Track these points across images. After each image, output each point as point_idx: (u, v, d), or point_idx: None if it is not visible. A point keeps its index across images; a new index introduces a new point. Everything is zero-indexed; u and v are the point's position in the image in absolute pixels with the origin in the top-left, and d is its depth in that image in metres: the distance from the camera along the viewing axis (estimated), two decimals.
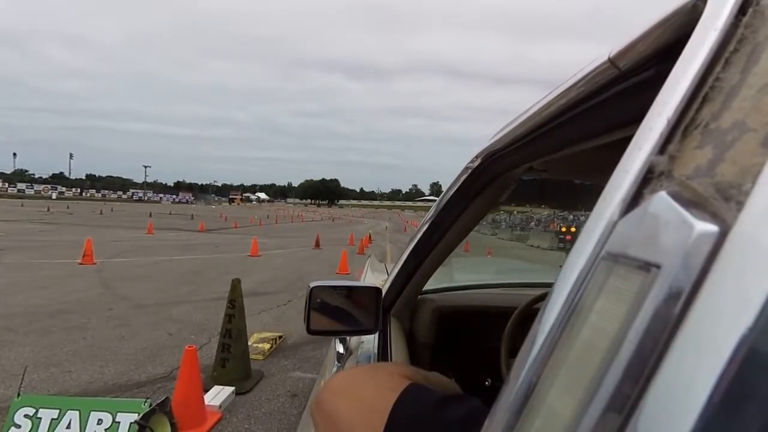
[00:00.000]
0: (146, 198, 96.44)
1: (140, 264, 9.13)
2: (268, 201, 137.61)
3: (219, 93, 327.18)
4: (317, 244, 13.95)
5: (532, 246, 16.45)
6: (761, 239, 0.18)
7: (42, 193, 79.43)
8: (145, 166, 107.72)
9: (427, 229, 1.07)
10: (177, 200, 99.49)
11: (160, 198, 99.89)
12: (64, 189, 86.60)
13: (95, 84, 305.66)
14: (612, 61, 0.41)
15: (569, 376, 0.24)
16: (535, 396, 0.26)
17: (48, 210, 31.23)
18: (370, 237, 17.85)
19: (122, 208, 46.45)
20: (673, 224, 0.21)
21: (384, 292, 1.17)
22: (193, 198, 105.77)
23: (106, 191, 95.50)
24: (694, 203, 0.22)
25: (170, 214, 36.79)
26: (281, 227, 25.69)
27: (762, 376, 0.16)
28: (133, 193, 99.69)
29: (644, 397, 0.19)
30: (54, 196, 74.57)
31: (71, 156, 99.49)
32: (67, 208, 37.45)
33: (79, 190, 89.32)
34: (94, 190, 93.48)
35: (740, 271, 0.18)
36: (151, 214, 30.66)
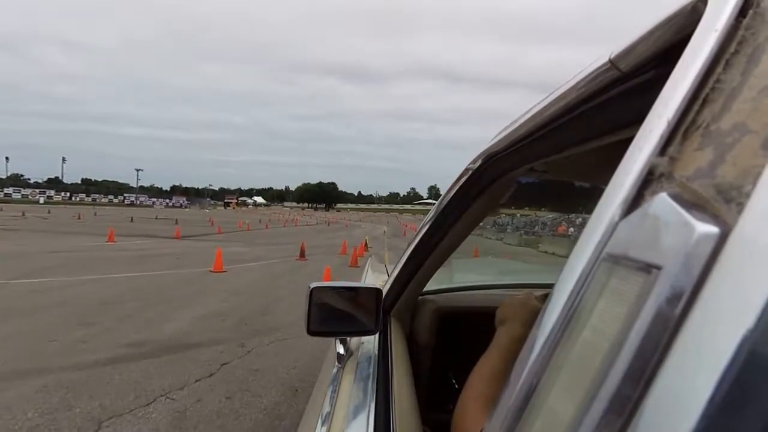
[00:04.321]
0: (138, 202, 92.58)
1: (52, 287, 6.58)
2: (265, 205, 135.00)
3: (216, 97, 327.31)
4: (302, 254, 11.36)
5: (546, 253, 14.03)
6: (762, 241, 0.18)
7: (29, 197, 76.57)
8: (137, 170, 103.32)
9: (427, 230, 1.07)
10: (171, 204, 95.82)
11: (153, 202, 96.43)
12: (52, 193, 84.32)
13: (92, 88, 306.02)
14: (613, 63, 0.41)
15: (570, 377, 0.24)
16: (536, 397, 0.26)
17: (23, 215, 27.91)
18: (366, 244, 15.19)
19: (109, 212, 42.27)
20: (674, 226, 0.21)
21: (384, 292, 1.17)
22: (187, 202, 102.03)
23: (97, 195, 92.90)
24: (694, 205, 0.22)
25: (156, 218, 33.67)
26: (271, 232, 23.05)
27: (763, 377, 0.16)
28: (125, 197, 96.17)
29: (645, 399, 0.19)
30: (42, 200, 71.41)
31: (64, 160, 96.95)
32: (48, 212, 33.77)
33: (68, 194, 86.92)
34: (85, 194, 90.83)
35: (741, 272, 0.18)
36: (132, 219, 28.89)
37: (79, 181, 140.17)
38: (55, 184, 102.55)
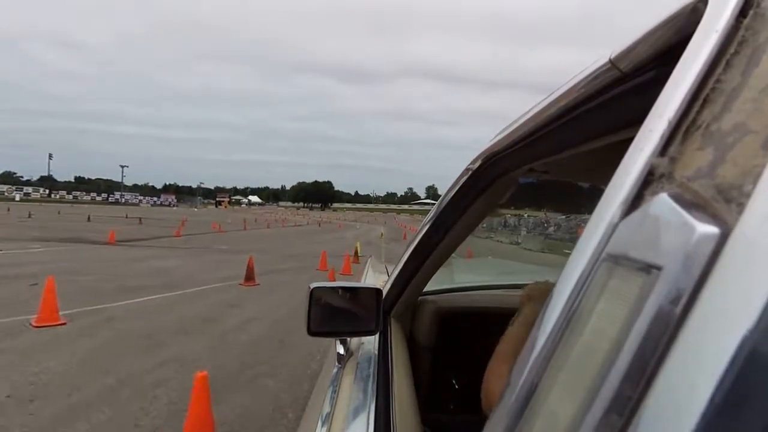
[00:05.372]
0: (123, 200, 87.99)
1: None
2: (260, 204, 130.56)
3: (213, 96, 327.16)
4: (249, 277, 7.16)
5: None
6: (762, 241, 0.18)
7: (6, 194, 75.11)
8: (122, 166, 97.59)
9: (427, 230, 1.07)
10: (159, 203, 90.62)
11: (140, 200, 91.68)
12: (30, 190, 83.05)
13: (88, 86, 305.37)
14: (613, 63, 0.41)
15: (570, 378, 0.24)
16: (536, 397, 0.26)
17: None
18: (357, 252, 11.33)
19: (79, 210, 36.47)
20: (674, 226, 0.21)
21: (384, 293, 1.17)
22: (176, 201, 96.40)
23: (78, 193, 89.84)
24: (695, 205, 0.22)
25: (126, 217, 29.48)
26: (246, 235, 19.37)
27: (763, 377, 0.16)
28: (109, 195, 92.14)
29: (646, 399, 0.19)
30: (18, 197, 70.45)
31: (50, 156, 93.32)
32: (8, 210, 30.54)
33: (47, 191, 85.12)
34: (66, 192, 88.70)
35: (741, 272, 0.18)
36: (89, 218, 24.57)
37: (72, 179, 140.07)
38: (47, 182, 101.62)
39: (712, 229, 0.20)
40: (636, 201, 0.25)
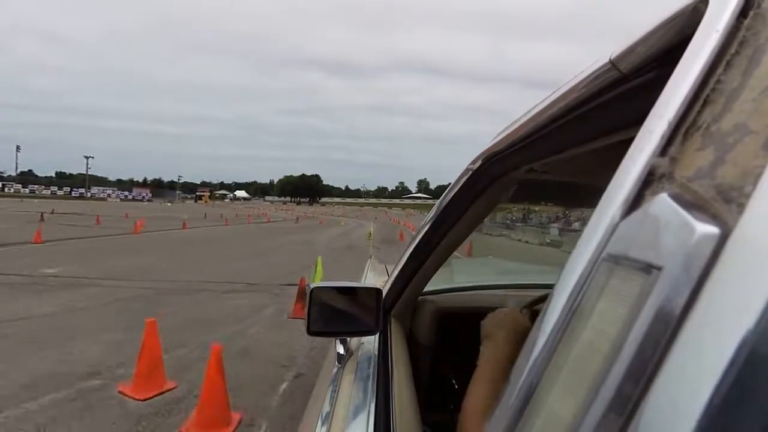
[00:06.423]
0: (89, 194, 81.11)
1: None
2: (245, 199, 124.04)
3: (200, 91, 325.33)
4: None
5: None
6: (762, 241, 0.18)
7: None
8: (87, 157, 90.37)
9: (427, 230, 1.07)
10: (131, 197, 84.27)
11: (108, 195, 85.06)
12: None
13: (71, 80, 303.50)
14: (613, 63, 0.41)
15: (570, 377, 0.24)
16: (536, 397, 0.26)
17: None
18: (303, 289, 4.73)
19: (17, 206, 30.62)
20: (675, 226, 0.21)
21: (384, 293, 1.17)
22: (150, 195, 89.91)
23: (36, 186, 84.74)
24: (695, 205, 0.22)
25: (52, 212, 23.79)
26: (168, 238, 13.75)
27: (763, 377, 0.16)
28: (72, 189, 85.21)
29: (645, 399, 0.19)
30: None
31: (18, 149, 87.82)
32: None
33: (1, 185, 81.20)
34: (21, 186, 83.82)
35: (741, 273, 0.18)
36: None
37: (53, 175, 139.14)
38: (27, 177, 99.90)
39: (712, 230, 0.20)
40: (636, 201, 0.25)
